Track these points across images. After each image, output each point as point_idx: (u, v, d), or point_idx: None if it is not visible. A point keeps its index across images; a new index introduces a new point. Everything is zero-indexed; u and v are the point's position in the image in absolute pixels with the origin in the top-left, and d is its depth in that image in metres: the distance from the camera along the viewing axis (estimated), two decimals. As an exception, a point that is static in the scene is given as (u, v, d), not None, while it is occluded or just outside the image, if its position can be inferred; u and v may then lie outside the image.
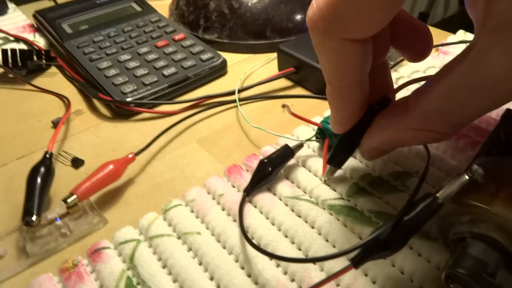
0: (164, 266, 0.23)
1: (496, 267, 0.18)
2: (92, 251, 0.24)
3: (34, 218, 0.24)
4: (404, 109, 0.20)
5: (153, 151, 0.32)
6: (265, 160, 0.27)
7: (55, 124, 0.35)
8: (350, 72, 0.20)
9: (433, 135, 0.20)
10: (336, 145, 0.25)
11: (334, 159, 0.25)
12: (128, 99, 0.35)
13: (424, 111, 0.19)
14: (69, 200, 0.25)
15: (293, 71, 0.37)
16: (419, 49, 0.23)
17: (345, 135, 0.24)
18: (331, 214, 0.25)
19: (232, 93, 0.36)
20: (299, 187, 0.27)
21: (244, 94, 0.37)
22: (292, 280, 0.22)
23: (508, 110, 0.25)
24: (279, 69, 0.39)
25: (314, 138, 0.29)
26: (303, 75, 0.37)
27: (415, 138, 0.21)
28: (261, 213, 0.26)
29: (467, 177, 0.19)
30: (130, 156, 0.29)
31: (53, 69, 0.43)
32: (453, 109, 0.19)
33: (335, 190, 0.27)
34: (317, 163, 0.28)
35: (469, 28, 0.39)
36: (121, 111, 0.35)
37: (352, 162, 0.28)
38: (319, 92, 0.36)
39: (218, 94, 0.36)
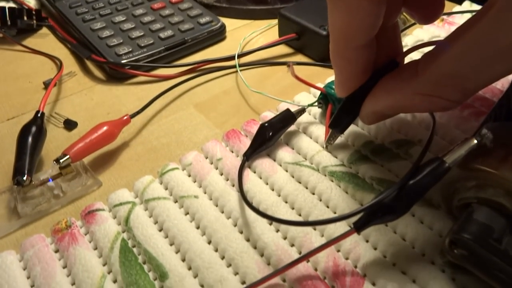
0: (160, 229, 0.23)
1: (502, 233, 0.18)
2: (86, 212, 0.23)
3: (25, 177, 0.23)
4: (413, 73, 0.19)
5: (149, 114, 0.31)
6: (266, 124, 0.26)
7: (47, 85, 0.33)
8: (360, 32, 0.19)
9: (441, 102, 0.19)
10: (339, 109, 0.24)
11: (337, 124, 0.25)
12: (123, 61, 0.34)
13: (435, 74, 0.18)
14: (61, 161, 0.24)
15: (294, 37, 0.36)
16: (431, 9, 0.22)
17: (349, 98, 0.23)
18: (332, 181, 0.25)
19: (231, 58, 0.34)
20: (299, 154, 0.26)
21: (243, 60, 0.36)
22: (292, 245, 0.22)
23: (518, 76, 0.24)
24: (280, 35, 0.38)
25: (316, 104, 0.28)
26: (304, 42, 0.36)
27: (421, 105, 0.20)
28: (261, 178, 0.25)
29: (475, 141, 0.19)
30: (125, 118, 0.28)
31: (44, 30, 0.41)
32: (466, 73, 0.18)
33: (336, 157, 0.26)
34: (318, 130, 0.28)
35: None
36: (116, 74, 0.34)
37: (353, 129, 0.28)
38: (320, 59, 0.35)
39: (217, 58, 0.35)
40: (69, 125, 0.30)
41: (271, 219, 0.21)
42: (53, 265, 0.21)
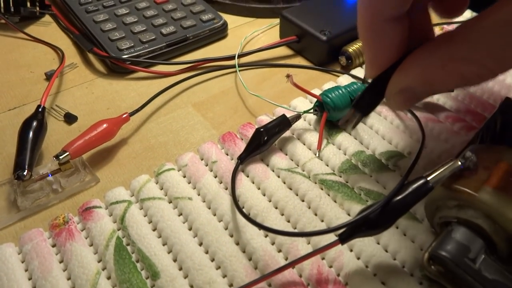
0: (154, 229, 0.24)
1: (477, 253, 0.19)
2: (83, 209, 0.24)
3: (25, 172, 0.24)
4: (447, 39, 0.18)
5: (148, 112, 0.31)
6: (261, 129, 0.26)
7: (48, 76, 0.34)
8: (390, 2, 0.19)
9: (476, 69, 0.18)
10: (366, 89, 0.23)
11: (361, 105, 0.23)
12: (124, 56, 0.34)
13: (474, 39, 0.17)
14: (61, 157, 0.25)
15: (295, 40, 0.36)
16: (456, 2, 0.22)
17: (377, 78, 0.22)
18: (321, 189, 0.25)
19: (231, 57, 0.35)
20: (292, 160, 0.27)
21: (243, 60, 0.36)
22: (279, 251, 0.23)
23: (507, 98, 0.25)
24: (281, 37, 0.38)
25: (312, 111, 0.29)
26: (305, 45, 0.36)
27: (455, 73, 0.18)
28: (253, 183, 0.26)
29: (459, 163, 0.20)
30: (124, 116, 0.29)
31: (47, 18, 0.41)
32: (507, 41, 0.17)
33: (327, 165, 0.27)
34: (312, 137, 0.28)
35: (475, 8, 0.38)
36: (116, 68, 0.35)
37: (346, 137, 0.28)
38: (319, 63, 0.36)
39: (217, 58, 0.35)
40: (69, 119, 0.30)
41: (260, 227, 0.22)
42: (50, 259, 0.22)
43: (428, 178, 0.20)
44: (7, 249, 0.22)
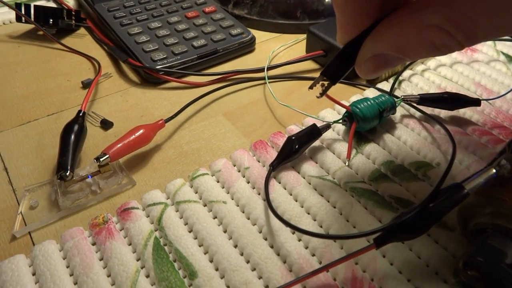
0: (190, 231, 0.24)
1: (514, 259, 0.19)
2: (122, 210, 0.25)
3: (68, 173, 0.25)
4: (423, 5, 0.18)
5: (180, 120, 0.32)
6: (293, 137, 0.27)
7: (85, 84, 0.35)
8: None
9: (447, 39, 0.18)
10: (336, 55, 0.22)
11: (329, 71, 0.23)
12: (158, 67, 0.35)
13: (449, 8, 0.17)
14: (101, 159, 0.26)
15: (321, 54, 0.37)
16: None
17: (348, 44, 0.21)
18: (352, 196, 0.26)
19: (261, 70, 0.36)
20: (322, 168, 0.28)
21: (271, 72, 0.37)
22: (313, 255, 0.23)
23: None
24: (307, 51, 0.39)
25: (341, 121, 0.29)
26: (331, 59, 0.37)
27: (426, 40, 0.18)
28: (285, 189, 0.26)
29: (494, 170, 0.20)
30: (160, 122, 0.30)
31: (82, 31, 0.43)
32: (479, 16, 0.17)
33: (357, 174, 0.27)
34: (342, 146, 0.29)
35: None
36: (150, 78, 0.36)
37: (375, 148, 0.29)
38: (345, 77, 0.36)
39: (247, 70, 0.36)
40: (106, 125, 0.31)
41: (296, 229, 0.23)
42: (91, 257, 0.23)
43: (464, 185, 0.20)
44: (49, 246, 0.23)
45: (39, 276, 0.22)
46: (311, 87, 0.23)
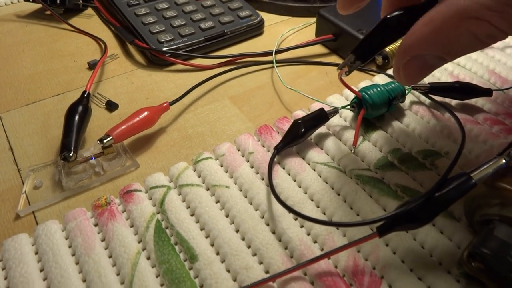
0: (192, 214, 0.24)
1: (520, 251, 0.19)
2: (124, 192, 0.25)
3: (71, 154, 0.25)
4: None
5: (185, 103, 0.32)
6: (299, 121, 0.27)
7: (91, 65, 0.35)
8: None
9: (489, 29, 0.17)
10: (368, 36, 0.21)
11: (361, 49, 0.22)
12: (165, 49, 0.35)
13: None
14: (105, 141, 0.26)
15: (331, 38, 0.36)
16: None
17: (381, 26, 0.21)
18: (357, 184, 0.26)
19: (269, 53, 0.35)
20: (328, 154, 0.27)
21: (279, 56, 0.36)
22: (315, 242, 0.23)
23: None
24: (317, 35, 0.38)
25: (349, 107, 0.29)
26: (341, 43, 0.36)
27: (467, 32, 0.18)
28: (289, 174, 0.26)
29: (504, 160, 0.20)
30: (165, 105, 0.29)
31: (89, 11, 0.43)
32: None
33: (363, 161, 0.27)
34: (348, 133, 0.28)
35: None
36: (156, 60, 0.35)
37: (382, 135, 0.28)
38: (355, 62, 0.36)
39: (255, 53, 0.36)
40: (111, 106, 0.31)
41: (299, 215, 0.22)
42: (93, 237, 0.23)
43: (472, 175, 0.20)
44: (52, 226, 0.23)
45: (42, 255, 0.22)
46: (340, 68, 0.23)
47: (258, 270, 0.21)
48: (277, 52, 0.36)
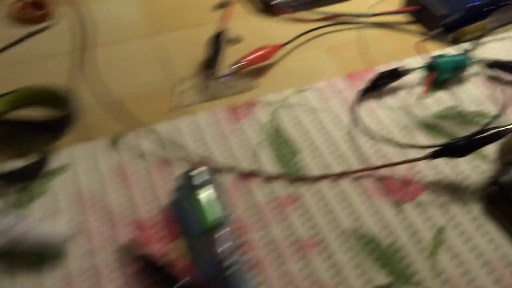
0: (294, 125, 0.34)
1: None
2: (248, 103, 0.35)
3: (213, 69, 0.35)
4: None
5: (289, 48, 0.41)
6: (381, 74, 0.35)
7: (221, 6, 0.44)
8: None
9: None
10: (460, 16, 0.32)
11: (450, 24, 0.32)
12: (273, 2, 0.43)
13: None
14: (237, 65, 0.36)
15: (418, 9, 0.43)
16: None
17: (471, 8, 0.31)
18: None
19: (362, 15, 0.43)
20: (399, 102, 0.36)
21: (367, 19, 0.44)
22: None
23: None
24: (405, 5, 0.45)
25: (423, 68, 0.37)
26: (425, 15, 0.43)
27: None
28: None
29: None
30: (279, 45, 0.39)
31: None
32: None
33: (426, 111, 0.35)
34: (418, 89, 0.37)
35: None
36: (267, 9, 0.44)
37: (444, 95, 0.36)
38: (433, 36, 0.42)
39: (351, 14, 0.43)
40: (236, 41, 0.41)
41: (373, 136, 0.31)
42: (225, 127, 0.33)
43: (502, 128, 0.28)
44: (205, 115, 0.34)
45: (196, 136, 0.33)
46: (430, 36, 0.33)
47: (335, 168, 0.31)
48: (368, 15, 0.43)
